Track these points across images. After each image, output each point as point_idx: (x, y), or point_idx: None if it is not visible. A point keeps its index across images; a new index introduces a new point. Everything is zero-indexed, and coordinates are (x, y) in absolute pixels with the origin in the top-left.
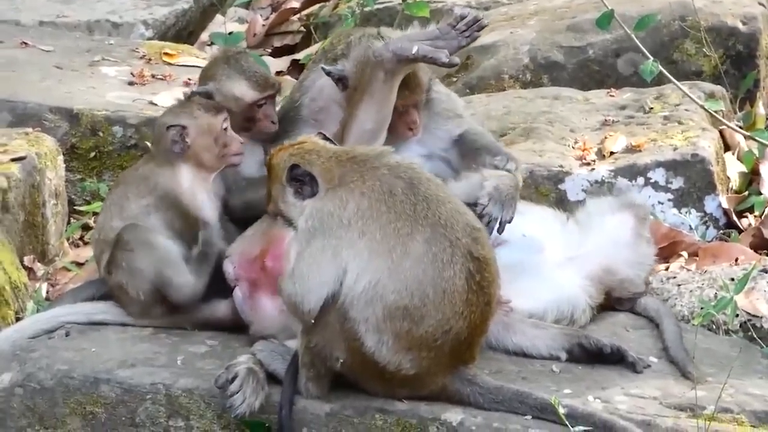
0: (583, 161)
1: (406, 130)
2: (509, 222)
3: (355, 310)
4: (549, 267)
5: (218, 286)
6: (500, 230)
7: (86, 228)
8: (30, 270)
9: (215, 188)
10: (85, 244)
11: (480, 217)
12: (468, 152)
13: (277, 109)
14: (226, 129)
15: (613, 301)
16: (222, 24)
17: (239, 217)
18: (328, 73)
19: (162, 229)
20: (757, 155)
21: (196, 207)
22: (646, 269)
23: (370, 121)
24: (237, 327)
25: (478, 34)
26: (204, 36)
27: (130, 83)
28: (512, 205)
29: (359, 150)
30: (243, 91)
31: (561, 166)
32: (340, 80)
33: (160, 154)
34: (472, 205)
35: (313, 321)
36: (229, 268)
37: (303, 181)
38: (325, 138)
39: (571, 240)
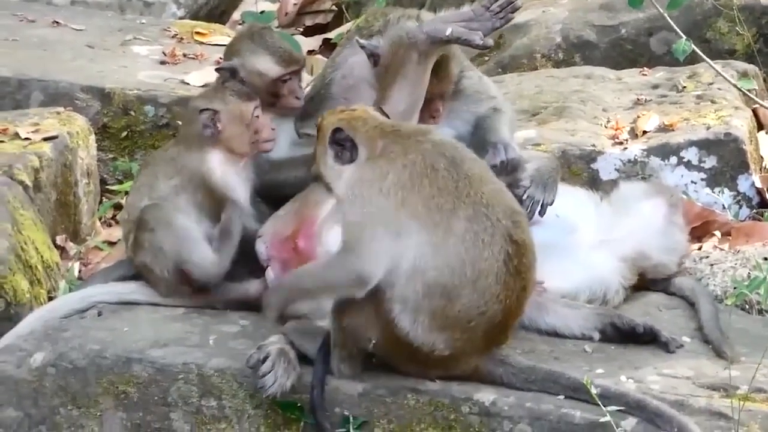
0: (616, 140)
1: (428, 118)
2: (551, 205)
3: (395, 288)
4: (582, 248)
5: (251, 266)
6: (542, 213)
7: (118, 207)
8: (62, 249)
9: (246, 172)
10: (117, 223)
11: (522, 199)
12: (478, 135)
13: (309, 87)
14: (258, 116)
15: (647, 282)
16: (253, 3)
17: (266, 197)
18: (362, 47)
19: (190, 209)
20: None
21: (225, 187)
22: (679, 254)
23: (403, 102)
24: None
25: (513, 15)
26: (236, 15)
27: (162, 62)
28: (554, 187)
29: (405, 125)
30: (268, 66)
31: (593, 146)
32: (373, 56)
33: (191, 137)
34: (512, 186)
35: (366, 291)
36: (262, 248)
37: (344, 146)
38: (381, 111)
39: (604, 222)
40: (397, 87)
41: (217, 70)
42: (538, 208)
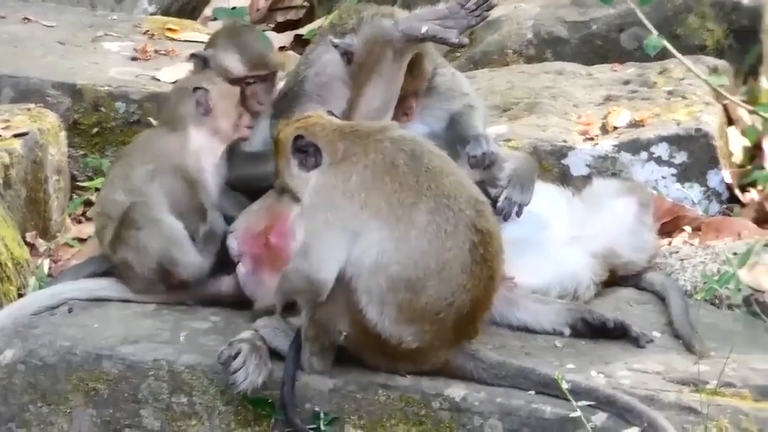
0: (587, 136)
1: (401, 115)
2: (527, 205)
3: (359, 282)
4: (554, 243)
5: (222, 261)
6: (518, 214)
7: (88, 204)
8: (32, 246)
9: (221, 164)
10: (88, 220)
11: (498, 199)
12: (454, 131)
13: (281, 84)
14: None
15: (618, 279)
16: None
17: (241, 191)
18: (336, 46)
19: (163, 198)
20: (761, 130)
21: (199, 173)
22: (648, 253)
23: (377, 99)
24: (240, 303)
25: (488, 13)
26: (207, 11)
27: (133, 59)
28: (531, 188)
29: (363, 124)
30: (233, 64)
31: (564, 141)
32: (346, 54)
33: (174, 119)
34: (488, 184)
35: (325, 297)
36: (233, 244)
37: (307, 152)
38: (331, 115)
39: (576, 218)
40: (372, 84)
41: (191, 55)
42: (515, 208)
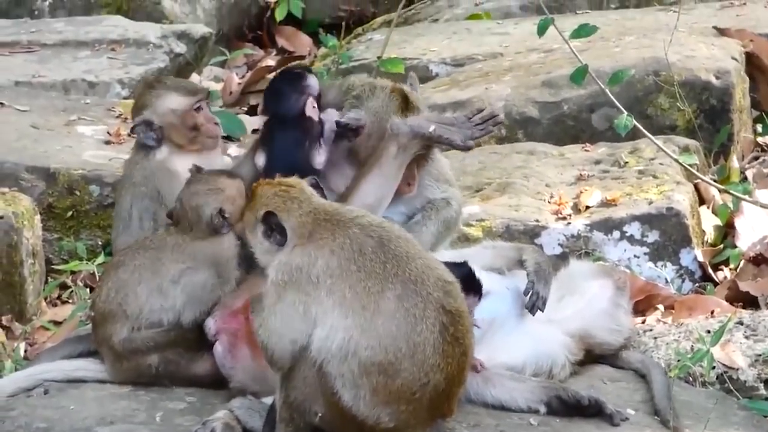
0: (559, 216)
1: (404, 185)
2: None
3: (331, 366)
4: (530, 322)
5: (199, 342)
6: (542, 309)
7: (64, 287)
8: (8, 329)
9: None
10: (63, 302)
11: (526, 293)
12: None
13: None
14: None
15: (595, 357)
16: (198, 83)
17: None
18: (345, 125)
19: (185, 300)
20: (732, 208)
21: (233, 269)
22: (623, 336)
23: (372, 195)
24: (216, 383)
25: (492, 128)
26: None
27: (107, 142)
28: (551, 281)
29: (336, 209)
30: (178, 101)
31: (537, 221)
32: (354, 131)
33: (200, 230)
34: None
35: (286, 370)
36: (210, 324)
37: (273, 229)
38: (317, 186)
39: (552, 298)
40: (370, 178)
41: (132, 129)
42: (541, 303)
